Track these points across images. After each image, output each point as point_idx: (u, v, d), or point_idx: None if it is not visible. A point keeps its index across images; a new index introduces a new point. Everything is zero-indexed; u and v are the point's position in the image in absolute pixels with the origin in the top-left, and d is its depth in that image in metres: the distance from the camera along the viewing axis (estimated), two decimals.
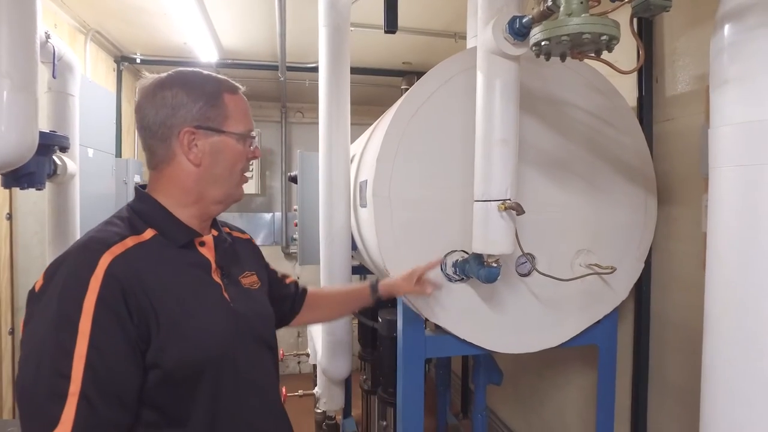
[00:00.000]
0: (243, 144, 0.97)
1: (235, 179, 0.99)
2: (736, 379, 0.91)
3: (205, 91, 0.95)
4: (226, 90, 0.97)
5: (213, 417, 0.90)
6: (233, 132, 0.96)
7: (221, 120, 0.95)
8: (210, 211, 1.00)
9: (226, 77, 1.02)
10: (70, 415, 0.74)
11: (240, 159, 0.98)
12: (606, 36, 0.93)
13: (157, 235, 0.92)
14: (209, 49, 3.26)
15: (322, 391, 2.46)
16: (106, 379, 0.78)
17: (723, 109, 0.94)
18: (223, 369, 0.92)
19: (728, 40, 0.92)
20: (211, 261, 0.98)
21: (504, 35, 1.24)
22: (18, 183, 1.66)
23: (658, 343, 1.92)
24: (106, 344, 0.78)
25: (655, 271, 1.92)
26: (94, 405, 0.76)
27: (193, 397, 0.88)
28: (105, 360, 0.78)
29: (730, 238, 0.93)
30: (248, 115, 1.00)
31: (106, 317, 0.79)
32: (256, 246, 1.24)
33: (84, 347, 0.76)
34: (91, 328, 0.77)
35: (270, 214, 5.11)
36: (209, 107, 0.94)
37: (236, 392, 0.94)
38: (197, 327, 0.89)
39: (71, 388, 0.75)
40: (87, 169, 2.45)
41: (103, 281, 0.80)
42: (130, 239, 0.88)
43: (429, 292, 1.43)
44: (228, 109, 0.96)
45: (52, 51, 1.79)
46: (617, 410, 1.98)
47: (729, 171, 0.93)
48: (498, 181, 1.33)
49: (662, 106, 1.89)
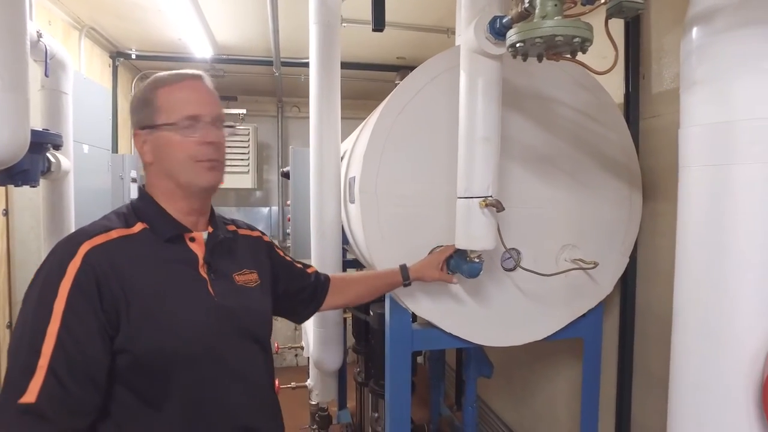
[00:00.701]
0: (182, 132, 0.97)
1: (188, 167, 0.98)
2: (700, 371, 0.94)
3: (144, 91, 1.01)
4: (163, 85, 1.00)
5: (190, 404, 0.94)
6: (166, 123, 0.98)
7: (155, 115, 0.98)
8: (192, 204, 1.03)
9: (187, 71, 1.04)
10: (36, 387, 0.82)
11: (182, 147, 0.98)
12: (578, 38, 0.96)
13: (146, 229, 0.98)
14: (203, 45, 3.27)
15: (315, 382, 2.50)
16: (74, 356, 0.85)
17: (691, 110, 0.97)
18: (200, 359, 0.95)
19: (696, 43, 0.94)
20: (199, 256, 1.01)
21: (485, 35, 1.27)
22: (12, 180, 1.69)
23: (642, 337, 1.96)
24: (76, 325, 0.85)
25: (641, 265, 1.96)
26: (61, 379, 0.83)
27: (168, 383, 0.92)
28: (74, 339, 0.85)
29: (696, 236, 0.96)
30: (187, 102, 0.99)
31: (78, 301, 0.86)
32: (267, 243, 1.25)
33: (56, 326, 0.84)
34: (63, 310, 0.85)
35: (267, 209, 5.15)
36: (145, 106, 1.00)
37: (216, 383, 0.97)
38: (171, 318, 0.93)
39: (40, 362, 0.82)
40: (82, 165, 2.48)
41: (80, 268, 0.87)
42: (115, 231, 0.95)
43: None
44: (159, 103, 0.99)
45: (44, 50, 1.81)
46: (603, 401, 2.02)
47: (697, 171, 0.96)
48: (480, 179, 1.35)
49: (648, 103, 1.92)
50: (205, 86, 1.04)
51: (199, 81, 1.03)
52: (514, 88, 1.66)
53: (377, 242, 1.61)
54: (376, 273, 1.51)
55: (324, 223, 2.10)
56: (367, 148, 1.61)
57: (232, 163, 4.49)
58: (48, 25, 2.72)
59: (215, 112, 1.01)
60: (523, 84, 1.68)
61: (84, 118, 2.50)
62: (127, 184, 3.20)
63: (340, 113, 2.15)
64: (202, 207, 1.06)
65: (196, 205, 1.04)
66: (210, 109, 1.00)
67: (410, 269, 1.48)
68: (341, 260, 2.21)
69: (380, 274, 1.50)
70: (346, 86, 4.13)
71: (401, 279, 1.47)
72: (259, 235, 1.25)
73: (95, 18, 3.01)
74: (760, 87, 0.86)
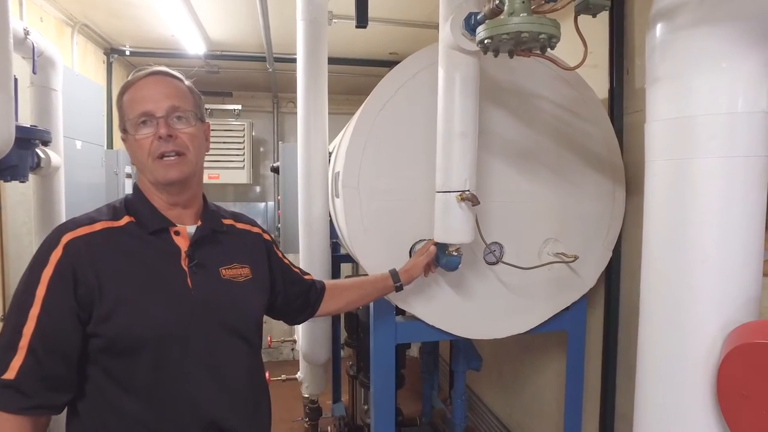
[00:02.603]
0: (136, 130, 1.00)
1: (149, 164, 1.01)
2: (662, 359, 0.97)
3: (117, 98, 1.06)
4: (126, 89, 1.04)
5: (156, 393, 0.97)
6: (127, 123, 1.02)
7: (122, 119, 1.04)
8: (170, 199, 1.06)
9: (149, 68, 1.06)
10: (17, 365, 0.90)
11: (140, 145, 1.01)
12: (544, 35, 0.97)
13: (133, 222, 1.03)
14: (196, 41, 3.29)
15: (305, 375, 2.53)
16: (51, 338, 0.92)
17: (655, 106, 0.98)
18: (168, 349, 0.98)
19: (659, 39, 0.96)
20: (182, 249, 1.04)
21: (461, 31, 1.28)
22: (2, 176, 1.71)
23: (626, 329, 1.98)
24: (53, 308, 0.93)
25: (625, 259, 1.97)
26: (39, 358, 0.91)
27: (136, 371, 0.97)
28: (52, 321, 0.92)
29: (659, 229, 0.98)
30: (140, 101, 1.01)
31: (57, 286, 0.93)
32: (266, 241, 1.26)
33: (37, 309, 0.92)
34: (44, 294, 0.93)
35: (263, 204, 5.17)
36: (119, 111, 1.05)
37: (184, 375, 0.99)
38: (141, 306, 0.97)
39: (21, 342, 0.91)
40: (75, 160, 2.51)
41: (60, 257, 0.94)
42: (100, 224, 1.00)
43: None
44: (124, 107, 1.03)
45: (32, 47, 1.83)
46: (588, 393, 2.05)
47: (660, 165, 0.98)
48: (457, 173, 1.37)
49: (632, 98, 1.93)
50: (162, 81, 1.04)
51: (156, 77, 1.04)
52: (496, 84, 1.68)
53: (360, 235, 1.63)
54: (367, 279, 1.53)
55: (311, 218, 2.12)
56: (350, 144, 1.63)
57: (228, 159, 4.51)
58: (40, 22, 2.73)
59: (167, 106, 1.00)
60: (505, 79, 1.70)
61: (77, 115, 2.52)
62: (122, 179, 3.23)
63: (327, 109, 2.17)
64: (183, 200, 1.07)
65: (174, 199, 1.06)
66: (161, 104, 1.00)
67: (400, 273, 1.50)
68: (329, 254, 2.24)
69: (371, 280, 1.51)
70: (340, 82, 4.17)
71: (392, 284, 1.48)
72: (260, 232, 1.26)
73: (88, 14, 3.02)
74: (718, 84, 0.87)
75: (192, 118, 1.05)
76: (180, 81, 1.07)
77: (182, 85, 1.07)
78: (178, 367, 0.99)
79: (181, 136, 1.02)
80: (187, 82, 1.09)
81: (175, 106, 1.02)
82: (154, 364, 0.97)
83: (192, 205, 1.10)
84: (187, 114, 1.04)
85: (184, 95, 1.05)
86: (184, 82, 1.08)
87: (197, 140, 1.06)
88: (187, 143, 1.03)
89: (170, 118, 1.01)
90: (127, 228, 1.02)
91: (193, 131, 1.04)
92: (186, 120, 1.03)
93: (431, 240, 1.53)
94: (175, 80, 1.06)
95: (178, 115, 1.02)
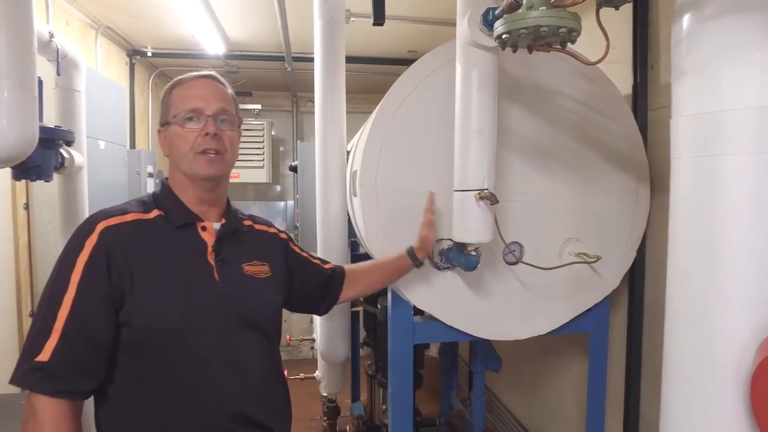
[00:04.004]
0: (183, 124, 1.05)
1: (188, 157, 1.05)
2: (690, 365, 0.93)
3: (164, 93, 1.11)
4: (177, 85, 1.10)
5: (180, 382, 1.00)
6: (173, 117, 1.07)
7: (167, 112, 1.09)
8: (200, 194, 1.09)
9: (201, 71, 1.12)
10: (50, 348, 0.92)
11: (184, 138, 1.05)
12: (564, 28, 0.94)
13: (161, 216, 1.06)
14: (216, 42, 3.32)
15: (322, 374, 2.53)
16: (83, 324, 0.94)
17: (681, 100, 0.95)
18: (194, 339, 1.01)
19: (685, 31, 0.92)
20: (209, 244, 1.07)
21: (479, 27, 1.26)
22: (27, 175, 1.76)
23: (651, 332, 1.92)
24: (88, 294, 0.95)
25: (650, 259, 1.92)
26: (71, 343, 0.93)
27: (163, 357, 0.99)
28: (85, 308, 0.94)
29: (686, 229, 0.95)
30: (192, 98, 1.06)
31: (91, 272, 0.96)
32: (282, 240, 1.29)
33: (71, 295, 0.94)
34: (79, 281, 0.95)
35: (283, 203, 5.21)
36: (163, 106, 1.11)
37: (208, 363, 1.02)
38: (170, 297, 1.00)
39: (55, 326, 0.92)
40: (98, 160, 2.55)
41: (95, 244, 0.97)
42: (131, 215, 1.04)
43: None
44: (172, 101, 1.08)
45: (56, 50, 1.87)
46: (611, 397, 2.00)
47: (686, 162, 0.94)
48: (475, 172, 1.35)
49: (657, 94, 1.87)
50: (212, 84, 1.10)
51: (207, 79, 1.11)
52: (515, 80, 1.65)
53: (376, 234, 1.62)
54: (385, 260, 1.53)
55: (329, 216, 2.12)
56: (367, 142, 1.62)
57: (248, 158, 4.55)
58: (65, 26, 2.80)
59: (217, 107, 1.06)
60: (524, 75, 1.66)
61: (100, 115, 2.57)
62: (144, 178, 3.28)
63: (345, 108, 2.16)
64: (211, 198, 1.12)
65: (204, 195, 1.10)
66: (212, 105, 1.06)
67: (415, 249, 1.50)
68: (348, 253, 2.23)
69: (390, 260, 1.52)
70: (358, 80, 4.17)
71: (411, 261, 1.49)
72: (276, 232, 1.29)
73: (110, 17, 3.08)
74: (748, 76, 0.83)
75: (235, 123, 1.12)
76: (227, 88, 1.14)
77: (229, 92, 1.14)
78: (204, 357, 1.01)
79: (224, 137, 1.07)
80: (230, 90, 1.15)
81: (223, 109, 1.08)
82: (181, 354, 1.00)
83: (218, 204, 1.14)
84: (232, 118, 1.10)
85: (230, 101, 1.12)
86: (229, 89, 1.14)
87: (235, 144, 1.12)
88: (227, 145, 1.08)
89: (218, 119, 1.07)
90: (156, 221, 1.06)
91: (234, 135, 1.11)
92: (230, 123, 1.10)
93: (428, 205, 1.52)
94: (224, 86, 1.13)
95: (224, 117, 1.08)
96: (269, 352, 1.15)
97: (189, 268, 1.04)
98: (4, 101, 1.35)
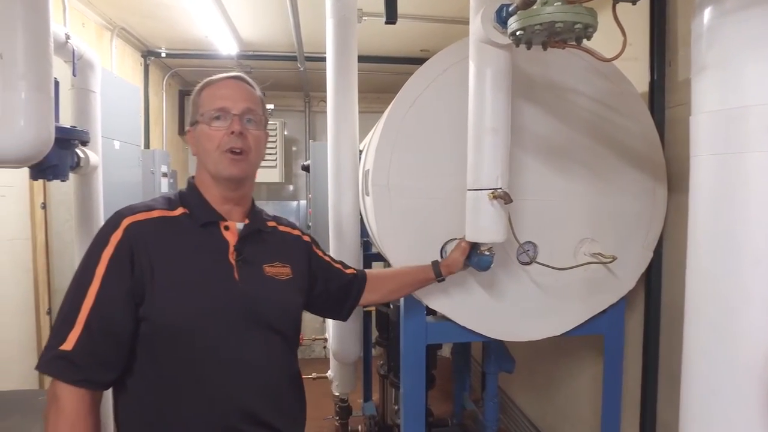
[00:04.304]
0: (210, 123, 1.07)
1: (214, 156, 1.07)
2: (710, 369, 0.91)
3: (194, 94, 1.13)
4: (205, 86, 1.12)
5: (195, 378, 1.01)
6: (201, 116, 1.08)
7: (196, 112, 1.10)
8: (224, 193, 1.10)
9: (231, 73, 1.14)
10: (74, 338, 0.94)
11: (210, 137, 1.07)
12: (580, 24, 0.92)
13: (186, 213, 1.08)
14: (229, 42, 3.34)
15: (334, 374, 2.53)
16: (105, 316, 0.96)
17: (701, 96, 0.92)
18: (211, 336, 1.01)
19: (706, 25, 0.90)
20: (231, 244, 1.08)
21: (492, 24, 1.24)
22: (43, 175, 1.77)
23: (668, 334, 1.89)
24: (111, 288, 0.97)
25: (666, 260, 1.88)
26: (93, 334, 0.95)
27: (179, 353, 1.00)
28: (108, 300, 0.96)
29: (707, 229, 0.92)
30: (219, 97, 1.08)
31: (115, 267, 0.98)
32: (306, 243, 1.29)
33: (95, 288, 0.96)
34: (103, 274, 0.97)
35: (296, 203, 5.23)
36: (192, 106, 1.12)
37: (223, 361, 1.02)
38: (189, 294, 1.01)
39: (79, 317, 0.95)
40: (113, 160, 2.58)
41: (120, 239, 0.99)
42: (157, 211, 1.06)
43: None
44: (200, 101, 1.10)
45: (72, 51, 1.90)
46: (627, 401, 1.97)
47: (706, 160, 0.92)
48: (488, 170, 1.33)
49: (675, 91, 1.84)
50: (240, 84, 1.12)
51: (235, 80, 1.12)
52: (529, 78, 1.63)
53: (389, 234, 1.61)
54: (409, 269, 1.52)
55: (341, 216, 2.11)
56: (379, 142, 1.61)
57: None
58: (82, 27, 2.83)
59: (243, 107, 1.08)
60: (538, 73, 1.64)
61: (115, 115, 2.60)
62: (158, 178, 3.31)
63: (357, 107, 2.16)
64: (235, 197, 1.12)
65: (228, 194, 1.11)
66: (239, 104, 1.07)
67: (441, 265, 1.48)
68: (360, 252, 2.23)
69: (413, 270, 1.50)
70: (371, 80, 4.16)
71: (434, 275, 1.47)
72: (299, 234, 1.29)
73: (125, 18, 3.11)
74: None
75: (261, 123, 1.12)
76: (255, 90, 1.15)
77: (257, 94, 1.14)
78: (220, 356, 1.02)
79: (249, 136, 1.08)
80: (258, 92, 1.16)
81: (250, 109, 1.09)
82: (198, 351, 1.01)
83: (242, 203, 1.15)
84: (258, 118, 1.11)
85: (257, 102, 1.13)
86: (257, 91, 1.15)
87: (261, 144, 1.13)
88: (251, 144, 1.09)
89: (244, 119, 1.08)
90: (181, 219, 1.07)
91: (260, 135, 1.12)
92: (256, 123, 1.10)
93: (462, 238, 1.50)
94: (252, 88, 1.14)
95: (250, 117, 1.09)
96: (286, 353, 1.15)
97: (209, 267, 1.05)
98: (22, 102, 1.36)
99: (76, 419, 0.94)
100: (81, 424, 0.94)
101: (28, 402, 1.69)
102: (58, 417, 0.93)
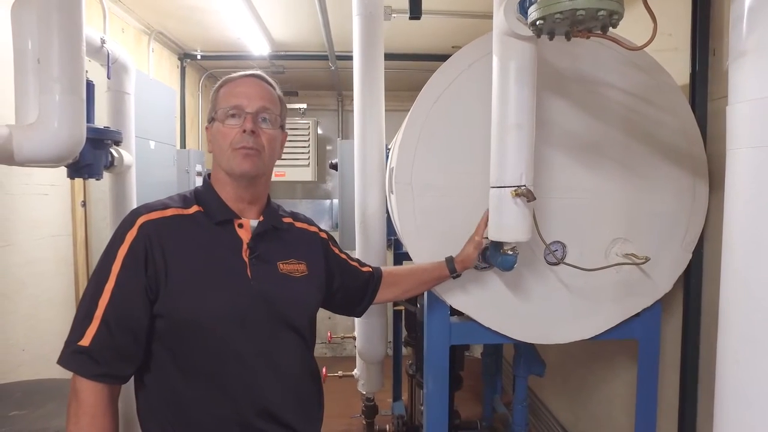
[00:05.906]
0: (224, 120, 1.07)
1: (227, 154, 1.07)
2: (744, 379, 0.84)
3: (212, 92, 1.13)
4: (223, 84, 1.12)
5: (212, 375, 1.02)
6: (217, 113, 1.09)
7: (212, 110, 1.12)
8: (238, 191, 1.11)
9: (248, 71, 1.14)
10: (91, 333, 0.96)
11: (224, 134, 1.07)
12: (604, 11, 0.87)
13: (201, 211, 1.09)
14: (261, 43, 3.38)
15: (361, 372, 2.53)
16: (122, 312, 0.98)
17: (740, 84, 0.86)
18: (225, 333, 1.02)
19: (747, 6, 0.83)
20: (244, 241, 1.09)
21: (516, 15, 1.20)
22: (80, 174, 1.85)
23: (708, 340, 1.78)
24: (125, 285, 0.99)
25: (707, 262, 1.78)
26: (111, 330, 0.97)
27: (194, 350, 1.02)
28: (123, 297, 0.99)
29: (743, 228, 0.86)
30: (235, 95, 1.08)
31: (130, 264, 1.00)
32: (322, 240, 1.29)
33: (112, 284, 0.98)
34: (119, 271, 0.99)
35: (329, 201, 5.26)
36: (210, 104, 1.13)
37: (240, 360, 1.03)
38: (203, 291, 1.02)
39: (96, 313, 0.97)
40: (149, 159, 2.66)
41: (135, 237, 1.01)
42: (171, 210, 1.07)
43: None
44: (218, 98, 1.11)
45: (107, 55, 1.97)
46: (664, 409, 1.87)
47: (745, 153, 0.85)
48: (512, 167, 1.29)
49: (719, 82, 1.73)
50: (258, 83, 1.12)
51: (253, 78, 1.12)
52: (557, 71, 1.57)
53: (412, 232, 1.59)
54: (423, 266, 1.51)
55: (367, 214, 2.11)
56: (403, 139, 1.59)
57: (294, 157, 4.62)
58: (121, 33, 2.93)
59: (258, 105, 1.08)
60: (567, 66, 1.58)
61: (151, 117, 2.68)
62: (193, 177, 3.40)
63: (383, 105, 2.14)
64: (249, 195, 1.12)
65: (242, 192, 1.11)
66: (253, 102, 1.07)
67: (455, 261, 1.46)
68: (385, 252, 2.21)
69: (427, 267, 1.49)
70: (402, 78, 4.13)
71: (448, 272, 1.46)
72: (316, 231, 1.29)
73: (162, 22, 3.21)
74: None
75: (276, 123, 1.12)
76: (273, 88, 1.14)
77: (274, 92, 1.14)
78: (234, 352, 1.03)
79: (262, 135, 1.08)
80: (278, 91, 1.15)
81: (264, 107, 1.09)
82: (212, 348, 1.02)
83: (257, 202, 1.15)
84: (274, 117, 1.11)
85: (274, 100, 1.12)
86: (276, 90, 1.15)
87: (275, 143, 1.12)
88: (264, 143, 1.08)
89: (257, 117, 1.08)
90: (195, 216, 1.08)
91: (274, 134, 1.11)
92: (271, 122, 1.10)
93: (480, 226, 1.46)
94: (269, 86, 1.14)
95: (264, 116, 1.09)
96: (302, 351, 1.14)
97: (222, 265, 1.06)
98: (56, 104, 1.42)
99: (96, 413, 0.96)
100: (100, 418, 0.97)
101: (65, 390, 1.75)
102: (78, 410, 0.96)
